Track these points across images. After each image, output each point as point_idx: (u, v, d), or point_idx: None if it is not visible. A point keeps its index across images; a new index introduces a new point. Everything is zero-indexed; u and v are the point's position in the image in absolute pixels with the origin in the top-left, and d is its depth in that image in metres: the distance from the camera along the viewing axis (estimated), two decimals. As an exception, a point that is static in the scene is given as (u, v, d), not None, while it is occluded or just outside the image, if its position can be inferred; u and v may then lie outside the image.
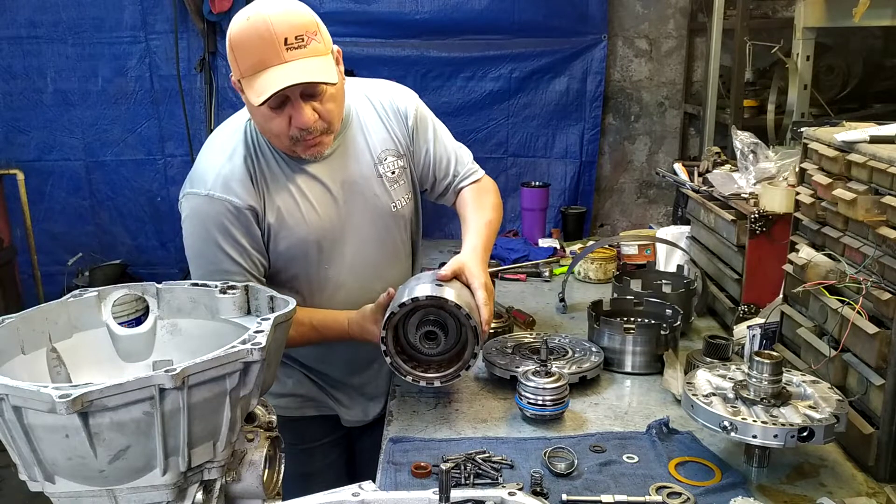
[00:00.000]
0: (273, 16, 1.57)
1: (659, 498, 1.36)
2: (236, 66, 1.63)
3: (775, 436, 1.36)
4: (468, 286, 1.71)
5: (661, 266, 2.61)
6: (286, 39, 1.57)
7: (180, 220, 1.78)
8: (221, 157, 1.75)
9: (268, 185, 1.75)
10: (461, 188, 2.02)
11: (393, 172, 1.89)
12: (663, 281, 2.35)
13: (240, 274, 1.73)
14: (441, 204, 2.09)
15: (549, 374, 1.68)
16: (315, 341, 1.83)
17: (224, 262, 1.73)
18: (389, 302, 1.68)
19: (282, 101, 1.62)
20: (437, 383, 1.67)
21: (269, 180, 1.75)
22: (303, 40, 1.59)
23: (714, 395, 1.48)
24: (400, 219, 1.93)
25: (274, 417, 1.40)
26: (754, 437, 1.37)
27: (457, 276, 1.71)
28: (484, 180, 2.06)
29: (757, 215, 2.06)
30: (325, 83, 1.62)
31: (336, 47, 1.72)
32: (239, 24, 1.60)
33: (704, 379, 1.54)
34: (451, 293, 1.62)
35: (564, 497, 1.37)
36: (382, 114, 1.92)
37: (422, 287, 1.64)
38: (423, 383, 1.67)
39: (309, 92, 1.64)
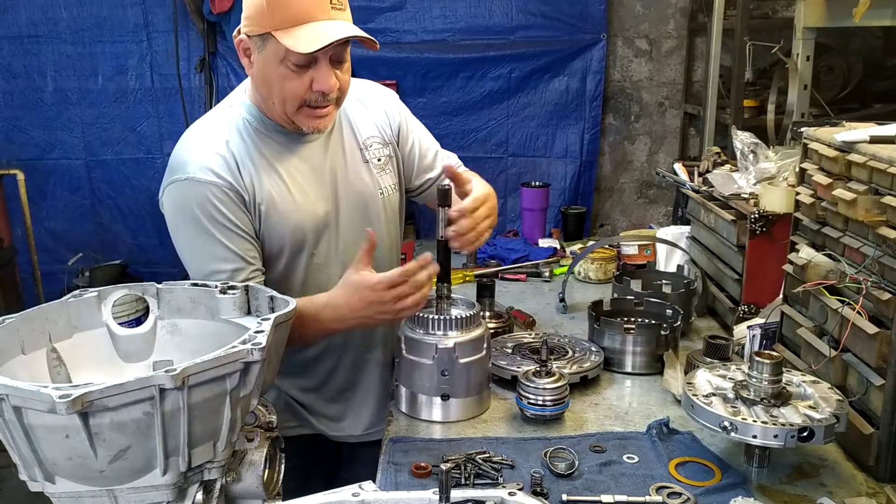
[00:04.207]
0: None
1: (659, 498, 1.36)
2: (268, 17, 1.57)
3: (775, 436, 1.35)
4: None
5: (661, 266, 2.61)
6: None
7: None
8: (199, 143, 1.70)
9: (256, 169, 1.70)
10: None
11: (379, 160, 1.89)
12: (663, 281, 2.35)
13: (235, 261, 1.65)
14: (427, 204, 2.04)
15: (549, 374, 1.68)
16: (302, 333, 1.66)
17: (217, 249, 1.65)
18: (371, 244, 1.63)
19: (309, 61, 1.61)
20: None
21: (258, 164, 1.71)
22: (342, 3, 1.62)
23: (714, 395, 1.48)
24: (388, 205, 1.91)
25: (274, 417, 1.40)
26: (754, 437, 1.37)
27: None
28: None
29: (757, 215, 2.06)
30: (373, 42, 1.63)
31: None
32: None
33: (704, 379, 1.54)
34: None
35: (564, 497, 1.37)
36: (367, 104, 1.92)
37: None
38: None
39: (338, 58, 1.64)
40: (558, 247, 3.13)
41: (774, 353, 1.47)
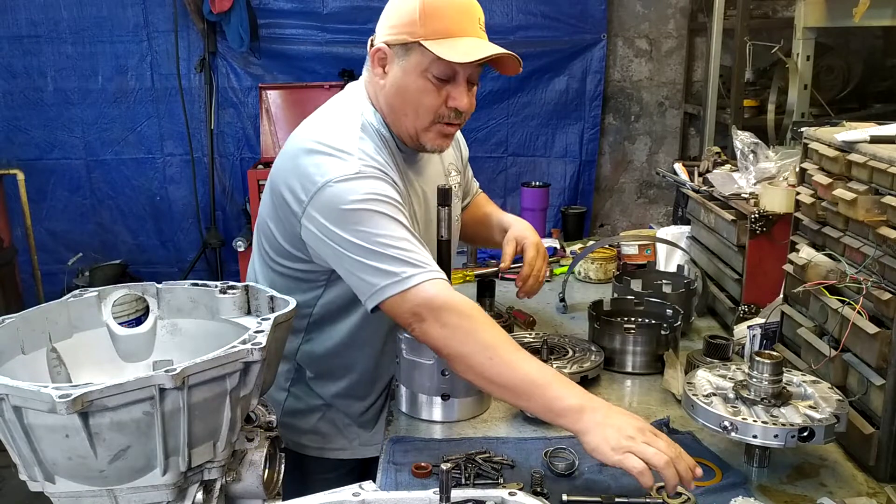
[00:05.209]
0: None
1: (659, 498, 1.36)
2: (419, 27, 1.56)
3: (776, 436, 1.35)
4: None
5: (661, 266, 2.61)
6: (479, 19, 1.65)
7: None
8: (353, 144, 1.58)
9: (395, 175, 1.65)
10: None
11: (456, 186, 1.92)
12: (663, 281, 2.35)
13: (418, 242, 1.54)
14: None
15: (549, 374, 1.67)
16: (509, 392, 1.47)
17: (404, 231, 1.52)
18: None
19: (449, 76, 1.59)
20: None
21: (394, 171, 1.66)
22: (483, 26, 1.67)
23: (714, 395, 1.48)
24: (457, 230, 1.95)
25: (273, 417, 1.40)
26: (754, 437, 1.37)
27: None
28: None
29: (757, 215, 2.06)
30: (518, 62, 1.65)
31: None
32: None
33: (705, 379, 1.54)
34: None
35: (564, 497, 1.36)
36: None
37: None
38: None
39: (473, 79, 1.65)
40: (558, 247, 3.13)
41: (775, 353, 1.47)
